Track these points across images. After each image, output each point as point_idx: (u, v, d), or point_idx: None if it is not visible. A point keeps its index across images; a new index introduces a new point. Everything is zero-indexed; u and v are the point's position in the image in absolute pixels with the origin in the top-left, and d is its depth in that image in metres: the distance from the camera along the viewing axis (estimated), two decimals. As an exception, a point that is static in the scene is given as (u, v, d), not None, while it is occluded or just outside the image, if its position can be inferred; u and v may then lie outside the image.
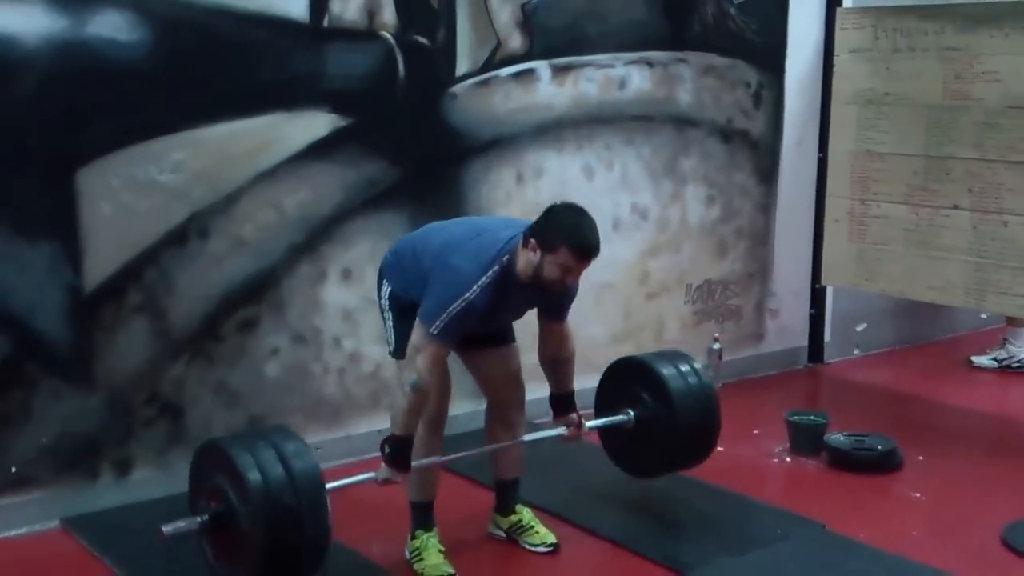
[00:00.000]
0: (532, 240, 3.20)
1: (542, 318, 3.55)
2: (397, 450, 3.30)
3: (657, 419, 3.86)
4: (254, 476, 2.95)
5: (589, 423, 3.83)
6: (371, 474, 3.36)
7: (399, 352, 3.43)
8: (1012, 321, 6.00)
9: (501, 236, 3.30)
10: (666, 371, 3.89)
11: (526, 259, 3.22)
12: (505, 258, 3.25)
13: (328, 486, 3.10)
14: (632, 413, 3.91)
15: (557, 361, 3.61)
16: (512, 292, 3.29)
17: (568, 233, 3.18)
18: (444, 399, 3.53)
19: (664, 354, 4.11)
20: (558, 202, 3.34)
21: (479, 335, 3.50)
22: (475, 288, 3.19)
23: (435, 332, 3.20)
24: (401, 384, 3.26)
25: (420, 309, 3.25)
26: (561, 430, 3.71)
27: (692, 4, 5.34)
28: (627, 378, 3.99)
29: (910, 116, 5.20)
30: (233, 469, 2.98)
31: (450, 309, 3.18)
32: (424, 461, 3.44)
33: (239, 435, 3.13)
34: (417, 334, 3.24)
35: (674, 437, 3.85)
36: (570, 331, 3.60)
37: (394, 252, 3.56)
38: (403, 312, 3.42)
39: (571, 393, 3.67)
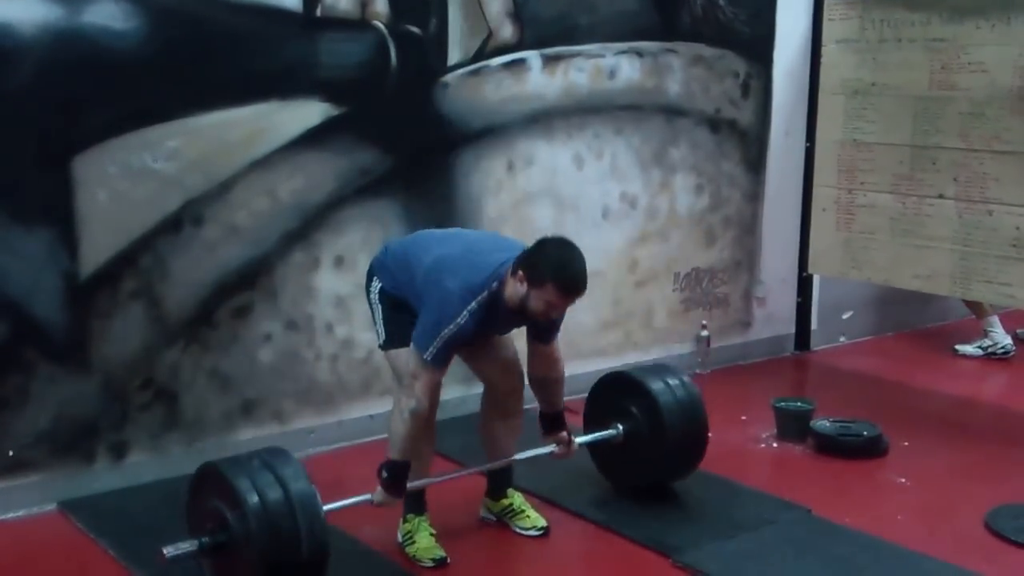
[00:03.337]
0: (520, 272, 3.22)
1: (530, 339, 3.55)
2: (394, 475, 3.39)
3: (646, 434, 3.90)
4: (253, 499, 2.97)
5: (579, 439, 3.86)
6: (368, 496, 3.42)
7: (389, 343, 3.50)
8: (974, 308, 6.04)
9: (492, 260, 3.32)
10: (655, 386, 3.91)
11: (513, 288, 3.25)
12: (495, 284, 3.28)
13: (325, 508, 3.11)
14: (621, 428, 3.94)
15: (547, 381, 3.63)
16: (500, 315, 3.34)
17: (556, 270, 3.19)
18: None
19: (652, 368, 4.14)
20: (549, 235, 3.34)
21: None
22: (465, 313, 3.24)
23: (429, 359, 3.27)
24: (400, 410, 3.34)
25: (414, 333, 3.31)
26: (552, 447, 3.75)
27: (681, -6, 5.37)
28: (616, 393, 4.02)
29: (896, 106, 5.24)
30: (232, 492, 3.01)
31: (442, 335, 3.24)
32: (418, 483, 3.51)
33: (237, 458, 3.15)
34: (413, 360, 3.32)
35: (663, 451, 3.88)
36: (559, 353, 3.60)
37: (385, 252, 3.60)
38: (394, 306, 3.48)
39: (561, 412, 3.70)
